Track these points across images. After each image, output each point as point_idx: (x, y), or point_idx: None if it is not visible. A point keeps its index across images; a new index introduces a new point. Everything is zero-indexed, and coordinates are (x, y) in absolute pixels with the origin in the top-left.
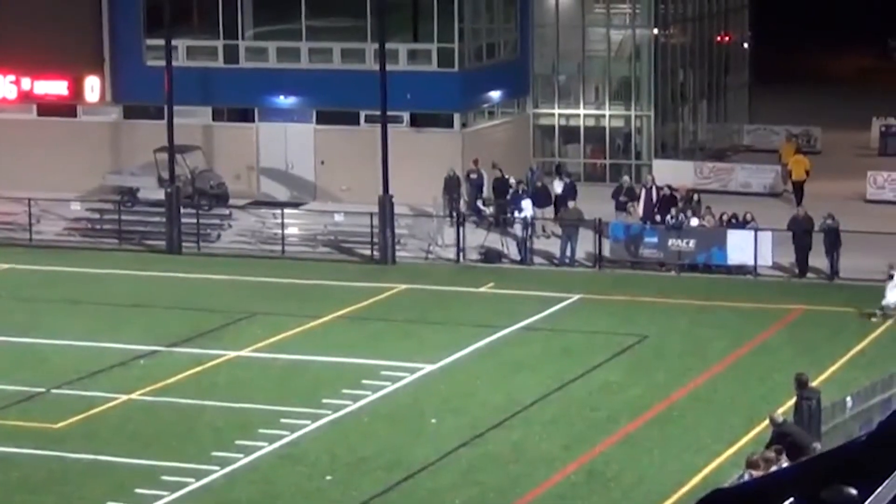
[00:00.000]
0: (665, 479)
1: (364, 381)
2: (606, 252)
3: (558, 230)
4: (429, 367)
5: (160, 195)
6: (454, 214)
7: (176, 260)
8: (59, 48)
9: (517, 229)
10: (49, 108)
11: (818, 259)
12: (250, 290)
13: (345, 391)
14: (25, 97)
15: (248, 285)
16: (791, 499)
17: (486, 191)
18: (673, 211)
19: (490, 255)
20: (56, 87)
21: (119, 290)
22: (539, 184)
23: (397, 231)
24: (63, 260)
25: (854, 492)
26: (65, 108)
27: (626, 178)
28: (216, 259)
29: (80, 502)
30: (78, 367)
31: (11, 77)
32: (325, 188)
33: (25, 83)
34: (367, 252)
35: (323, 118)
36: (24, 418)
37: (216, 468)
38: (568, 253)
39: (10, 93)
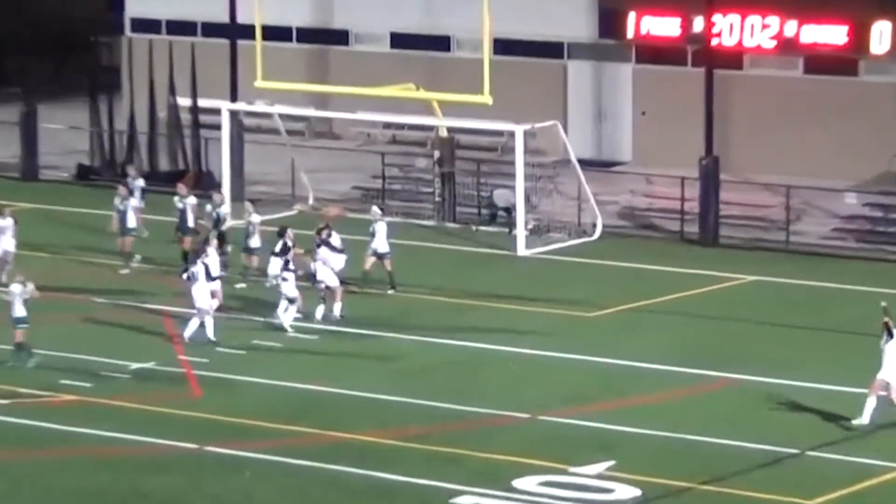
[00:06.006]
0: None
1: None
2: None
3: None
4: None
5: None
6: None
7: None
8: None
9: None
10: (819, 62)
11: None
12: None
13: None
14: (788, 46)
15: None
16: None
17: None
18: None
19: None
20: (831, 35)
21: None
22: None
23: None
24: (825, 272)
25: None
26: (841, 64)
27: None
28: None
29: None
30: None
31: (773, 20)
32: None
33: (790, 28)
34: None
35: None
36: None
37: None
38: None
39: (769, 41)
